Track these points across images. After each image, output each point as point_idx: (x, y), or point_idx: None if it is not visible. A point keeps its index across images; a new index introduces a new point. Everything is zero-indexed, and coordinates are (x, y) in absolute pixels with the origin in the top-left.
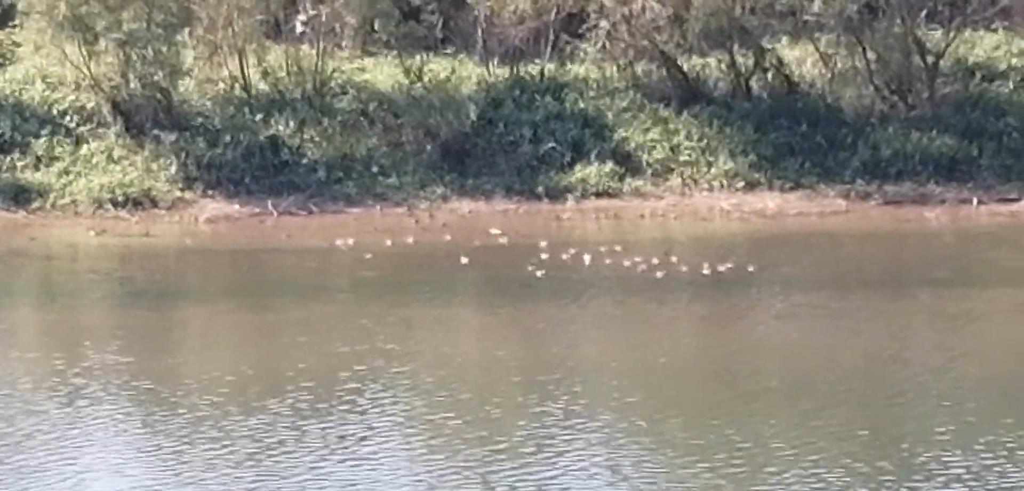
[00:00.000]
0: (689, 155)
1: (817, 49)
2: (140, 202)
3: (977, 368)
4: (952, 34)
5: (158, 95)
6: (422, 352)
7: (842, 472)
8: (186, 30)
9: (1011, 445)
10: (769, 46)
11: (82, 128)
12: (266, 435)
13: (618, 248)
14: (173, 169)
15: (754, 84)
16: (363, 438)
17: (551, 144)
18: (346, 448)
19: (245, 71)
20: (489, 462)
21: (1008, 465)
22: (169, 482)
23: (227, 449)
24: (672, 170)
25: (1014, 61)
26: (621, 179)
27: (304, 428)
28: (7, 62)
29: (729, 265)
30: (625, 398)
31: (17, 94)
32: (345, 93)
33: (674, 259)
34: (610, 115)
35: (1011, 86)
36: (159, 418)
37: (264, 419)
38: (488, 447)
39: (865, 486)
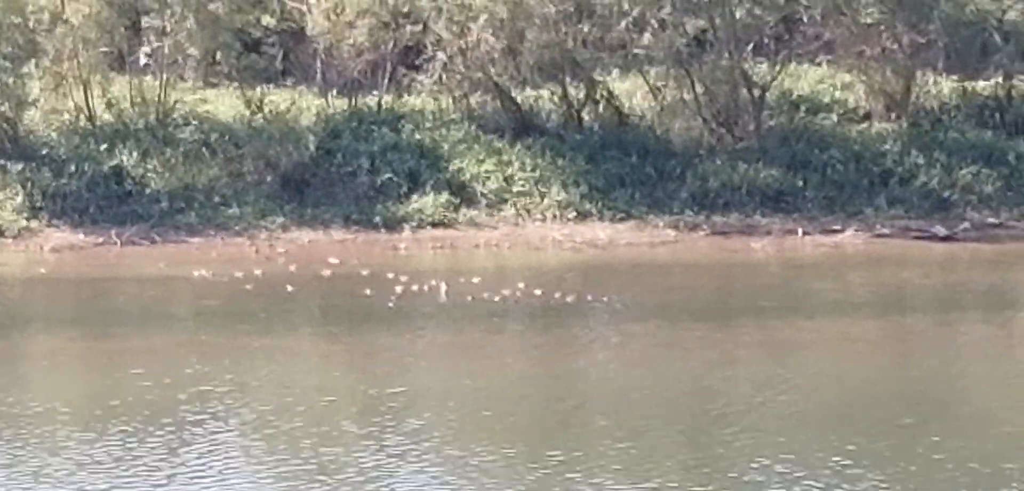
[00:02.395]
0: (522, 186)
1: (647, 82)
2: None
3: (801, 397)
4: (778, 68)
5: (4, 125)
6: (259, 380)
7: None
8: (32, 61)
9: (831, 472)
10: (600, 79)
11: None
12: (100, 462)
13: (455, 277)
14: (19, 199)
15: (586, 116)
16: (195, 467)
17: (388, 175)
18: (179, 477)
19: (90, 102)
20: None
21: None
22: None
23: (54, 478)
24: (506, 200)
25: (838, 94)
26: (456, 209)
27: (138, 456)
28: None
29: (561, 294)
30: (456, 427)
31: None
32: (188, 124)
33: (507, 292)
34: (446, 146)
35: (835, 119)
36: None
37: (98, 447)
38: (314, 477)
39: None
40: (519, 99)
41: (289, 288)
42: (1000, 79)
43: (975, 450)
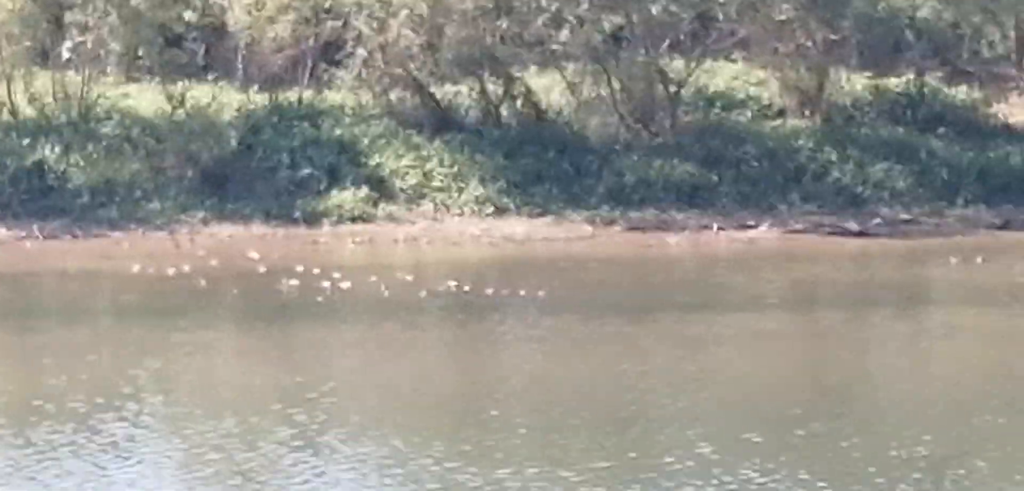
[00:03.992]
0: (441, 181)
1: (564, 78)
2: None
3: (714, 391)
4: (693, 64)
5: None
6: (177, 375)
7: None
8: None
9: (748, 467)
10: (518, 75)
11: None
12: (13, 459)
13: (374, 272)
14: None
15: (504, 112)
16: (111, 461)
17: (308, 170)
18: (94, 473)
19: (12, 97)
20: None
21: (745, 485)
22: None
23: None
24: (425, 195)
25: (752, 91)
26: (375, 204)
27: (53, 452)
28: None
29: (479, 289)
30: (371, 420)
31: None
32: (110, 118)
33: (425, 286)
34: (365, 141)
35: (749, 115)
36: None
37: (15, 444)
38: (226, 472)
39: None
40: (438, 95)
41: (208, 283)
42: (912, 76)
43: (885, 441)
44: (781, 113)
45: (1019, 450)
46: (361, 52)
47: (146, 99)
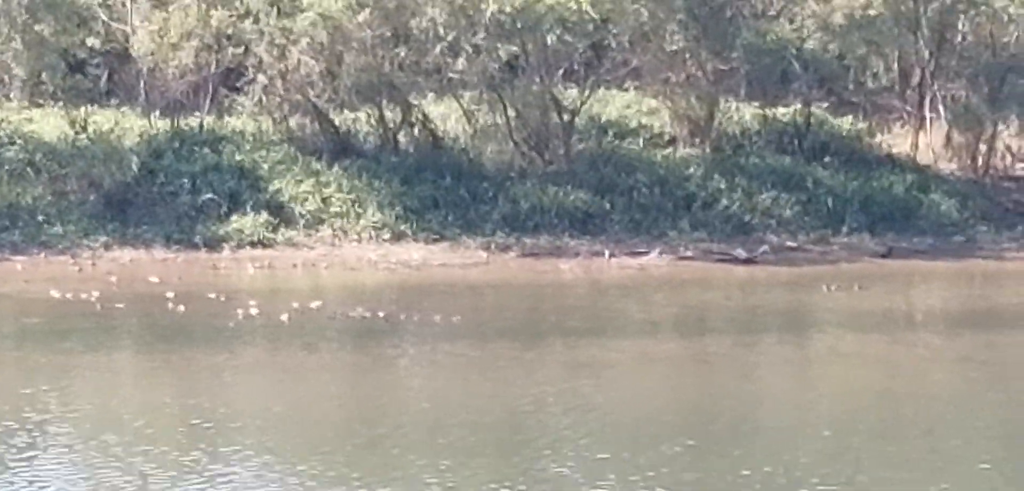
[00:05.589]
0: (339, 206)
1: (461, 106)
2: None
3: (605, 415)
4: (587, 93)
5: None
6: (76, 398)
7: None
8: None
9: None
10: (416, 102)
11: None
12: None
13: (273, 297)
14: None
15: (402, 138)
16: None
17: (209, 194)
18: None
19: None
20: None
21: None
22: None
23: None
24: (323, 221)
25: (644, 119)
26: (275, 229)
27: None
28: None
29: (375, 314)
30: (265, 446)
31: None
32: (13, 143)
33: (323, 311)
34: (265, 167)
35: (641, 144)
36: None
37: None
38: None
39: None
40: (337, 121)
41: (109, 307)
42: (799, 106)
43: (772, 464)
44: (672, 142)
45: (897, 472)
46: (261, 79)
47: (49, 124)
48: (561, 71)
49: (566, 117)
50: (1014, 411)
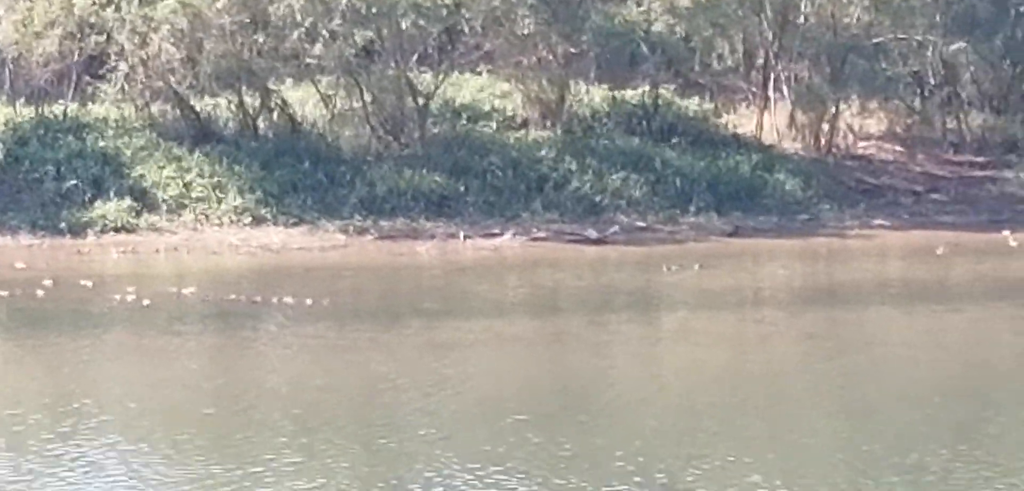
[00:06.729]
0: (201, 191)
1: (318, 91)
2: None
3: (462, 394)
4: (441, 77)
5: None
6: None
7: None
8: None
9: (492, 467)
10: (275, 88)
11: None
12: None
13: (136, 281)
14: None
15: (261, 123)
16: None
17: (73, 181)
18: None
19: None
20: None
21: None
22: None
23: None
24: (185, 206)
25: (497, 103)
26: (138, 215)
27: None
28: None
29: (236, 297)
30: (128, 432)
31: None
32: None
33: (184, 295)
34: (128, 153)
35: (494, 126)
36: None
37: None
38: None
39: None
40: (198, 107)
41: None
42: (647, 88)
43: (623, 440)
44: (524, 124)
45: (743, 447)
46: (124, 66)
47: None
48: (416, 56)
49: (421, 101)
50: (853, 384)
